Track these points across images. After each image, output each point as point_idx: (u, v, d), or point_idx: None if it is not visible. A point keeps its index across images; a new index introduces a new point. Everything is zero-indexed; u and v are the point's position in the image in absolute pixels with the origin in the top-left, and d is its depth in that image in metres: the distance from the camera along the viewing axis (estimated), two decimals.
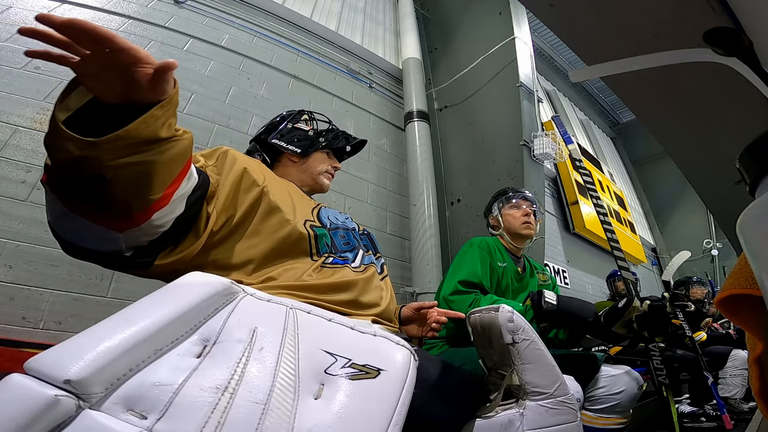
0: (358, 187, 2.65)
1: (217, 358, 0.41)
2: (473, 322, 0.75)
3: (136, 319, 0.41)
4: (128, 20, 2.13)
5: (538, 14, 0.92)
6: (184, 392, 0.37)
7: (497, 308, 0.71)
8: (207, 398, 0.37)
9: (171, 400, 0.36)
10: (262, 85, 2.45)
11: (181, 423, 0.35)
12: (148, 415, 0.35)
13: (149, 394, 0.37)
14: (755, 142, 0.40)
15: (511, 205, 1.59)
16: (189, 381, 0.38)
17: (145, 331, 0.40)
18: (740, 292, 0.43)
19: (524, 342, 0.67)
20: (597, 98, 7.45)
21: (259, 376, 0.40)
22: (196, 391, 0.37)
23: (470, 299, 1.29)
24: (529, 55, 2.86)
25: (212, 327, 0.45)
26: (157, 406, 0.36)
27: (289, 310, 0.51)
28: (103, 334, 0.39)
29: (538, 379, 0.66)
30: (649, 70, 0.74)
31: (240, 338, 0.44)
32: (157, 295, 0.47)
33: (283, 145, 1.06)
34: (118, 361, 0.37)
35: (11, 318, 1.34)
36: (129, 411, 0.36)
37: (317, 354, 0.45)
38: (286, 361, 0.43)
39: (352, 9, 3.51)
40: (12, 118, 1.60)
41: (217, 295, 0.48)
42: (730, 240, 1.37)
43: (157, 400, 0.36)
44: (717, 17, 0.64)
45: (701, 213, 6.06)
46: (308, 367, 0.44)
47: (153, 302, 0.45)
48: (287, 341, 0.45)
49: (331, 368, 0.44)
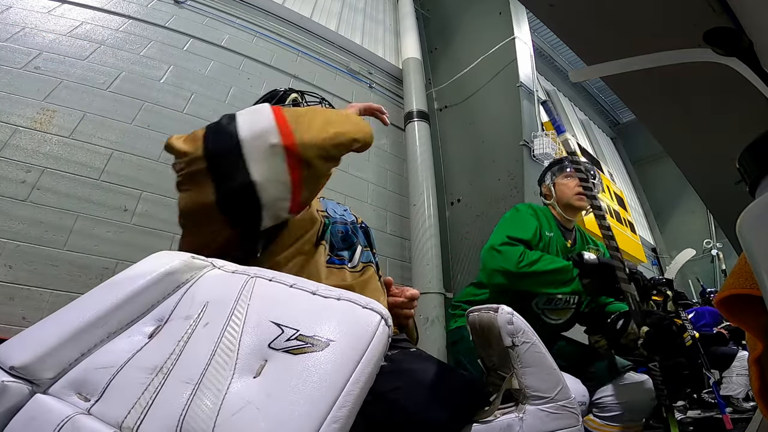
0: (358, 187, 2.65)
1: (162, 338, 0.41)
2: (471, 321, 0.73)
3: (88, 305, 0.42)
4: (128, 20, 2.13)
5: (538, 14, 0.92)
6: (122, 373, 0.38)
7: (496, 308, 0.68)
8: (141, 379, 0.37)
9: (109, 382, 0.37)
10: (262, 85, 2.45)
11: (112, 404, 0.36)
12: (91, 397, 0.37)
13: (92, 377, 0.38)
14: (755, 142, 0.40)
15: (565, 175, 1.53)
16: (130, 362, 0.39)
17: (95, 315, 0.41)
18: (740, 292, 0.43)
19: (524, 345, 0.65)
20: (597, 98, 7.44)
21: (195, 353, 0.39)
22: (133, 372, 0.38)
23: (519, 251, 1.27)
24: (529, 55, 2.86)
25: (168, 305, 0.45)
26: (97, 389, 0.37)
27: (249, 279, 0.47)
28: (53, 322, 0.40)
29: (538, 383, 0.64)
30: (649, 70, 0.74)
31: (188, 315, 0.43)
32: (113, 279, 0.47)
33: None
34: (66, 345, 0.38)
35: (11, 318, 1.34)
36: (77, 394, 0.37)
37: (265, 326, 0.41)
38: (228, 336, 0.40)
39: (352, 9, 3.51)
40: (12, 118, 1.60)
41: (176, 273, 0.47)
42: (730, 240, 1.37)
43: (98, 382, 0.37)
44: (717, 17, 0.64)
45: (701, 213, 6.05)
46: (251, 342, 0.40)
47: (108, 287, 0.45)
48: (235, 314, 0.42)
49: (275, 342, 0.39)
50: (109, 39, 2.02)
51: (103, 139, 1.76)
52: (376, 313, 0.42)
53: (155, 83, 2.04)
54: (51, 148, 1.63)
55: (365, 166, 2.77)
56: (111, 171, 1.72)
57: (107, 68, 1.93)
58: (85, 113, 1.76)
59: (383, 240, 2.63)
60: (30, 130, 1.61)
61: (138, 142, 1.85)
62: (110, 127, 1.80)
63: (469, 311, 0.75)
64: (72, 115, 1.73)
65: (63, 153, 1.65)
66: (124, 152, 1.79)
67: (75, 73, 1.82)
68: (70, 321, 0.40)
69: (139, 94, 1.96)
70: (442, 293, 2.41)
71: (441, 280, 2.44)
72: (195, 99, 2.13)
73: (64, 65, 1.82)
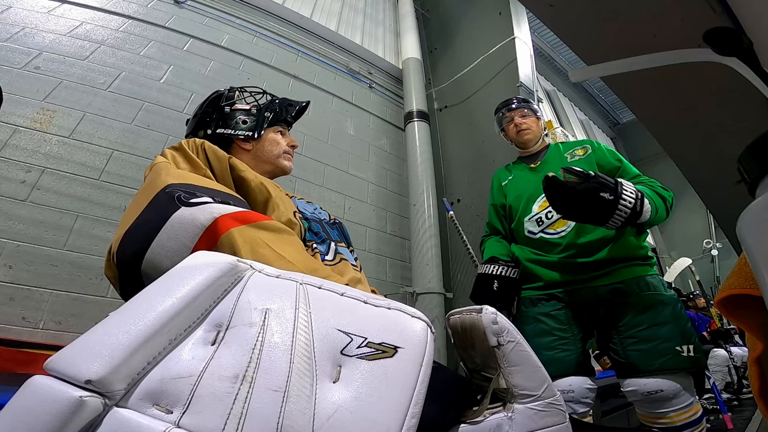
0: (358, 187, 2.65)
1: (231, 345, 0.41)
2: (453, 323, 0.73)
3: (147, 310, 0.41)
4: (128, 20, 2.13)
5: (538, 14, 0.92)
6: (203, 383, 0.37)
7: (480, 309, 0.68)
8: (227, 389, 0.37)
9: (192, 392, 0.36)
10: (262, 86, 2.44)
11: (205, 416, 0.35)
12: (173, 409, 0.36)
13: (171, 387, 0.37)
14: (755, 142, 0.40)
15: (506, 121, 1.61)
16: (207, 371, 0.38)
17: (159, 321, 0.40)
18: (740, 292, 0.43)
19: (509, 344, 0.65)
20: (597, 98, 7.45)
21: (276, 361, 0.39)
22: (215, 381, 0.37)
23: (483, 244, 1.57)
24: (529, 55, 2.85)
25: (223, 311, 0.44)
26: (180, 400, 0.36)
27: (299, 285, 0.48)
28: (117, 329, 0.38)
29: (525, 382, 0.64)
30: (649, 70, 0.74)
31: (252, 321, 0.43)
32: (164, 281, 0.45)
33: (231, 132, 0.94)
34: (135, 355, 0.37)
35: (11, 318, 1.34)
36: (154, 406, 0.36)
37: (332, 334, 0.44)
38: (301, 344, 0.42)
39: (352, 9, 3.51)
40: (12, 118, 1.59)
41: (225, 276, 0.47)
42: (730, 240, 1.37)
43: (179, 392, 0.36)
44: (717, 17, 0.64)
45: (701, 213, 6.05)
46: (324, 349, 0.42)
47: (162, 290, 0.44)
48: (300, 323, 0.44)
49: (347, 348, 0.43)
50: (109, 39, 2.02)
51: (103, 139, 1.76)
52: (423, 321, 0.48)
53: (155, 83, 2.04)
54: (51, 148, 1.63)
55: (365, 166, 2.77)
56: (111, 171, 1.72)
57: (107, 68, 1.93)
58: (85, 113, 1.76)
59: (383, 240, 2.63)
60: (30, 130, 1.61)
61: (138, 142, 1.85)
62: (110, 127, 1.80)
63: (449, 314, 0.75)
64: (72, 115, 1.73)
65: (63, 153, 1.65)
66: (124, 152, 1.79)
67: (75, 73, 1.82)
68: (135, 328, 0.38)
69: (139, 94, 1.96)
70: (442, 293, 2.42)
71: (441, 280, 2.44)
72: (195, 99, 2.13)
73: (64, 65, 1.82)
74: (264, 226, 0.66)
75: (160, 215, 0.62)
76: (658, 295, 1.15)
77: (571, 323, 1.24)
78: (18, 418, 0.32)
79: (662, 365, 1.07)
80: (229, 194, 0.73)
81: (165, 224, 0.62)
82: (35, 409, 0.32)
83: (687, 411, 1.07)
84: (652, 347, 1.09)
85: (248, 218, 0.65)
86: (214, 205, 0.64)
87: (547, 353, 1.19)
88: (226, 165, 0.80)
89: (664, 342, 1.09)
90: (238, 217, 0.64)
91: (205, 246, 0.60)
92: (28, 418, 0.31)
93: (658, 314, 1.12)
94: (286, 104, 1.06)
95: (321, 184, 2.45)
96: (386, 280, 2.51)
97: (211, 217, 0.62)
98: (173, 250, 0.61)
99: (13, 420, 0.32)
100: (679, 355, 1.07)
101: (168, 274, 0.46)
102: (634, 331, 1.12)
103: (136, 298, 0.43)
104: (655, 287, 1.17)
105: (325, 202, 2.41)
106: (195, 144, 0.82)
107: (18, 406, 0.32)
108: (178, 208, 0.62)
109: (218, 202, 0.66)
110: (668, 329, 1.10)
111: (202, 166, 0.78)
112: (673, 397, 1.07)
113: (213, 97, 1.01)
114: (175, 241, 0.61)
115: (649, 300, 1.14)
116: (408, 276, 2.57)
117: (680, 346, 1.08)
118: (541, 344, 1.20)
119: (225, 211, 0.63)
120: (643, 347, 1.10)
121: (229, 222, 0.62)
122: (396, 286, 2.52)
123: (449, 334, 0.76)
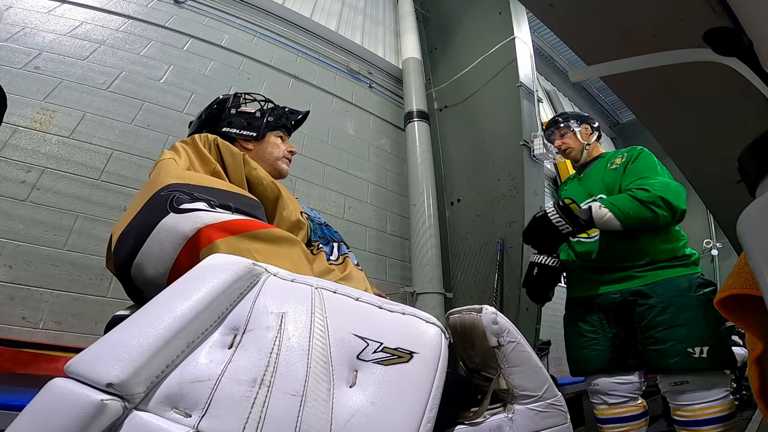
0: (358, 187, 2.65)
1: (249, 349, 0.41)
2: (452, 323, 0.73)
3: (165, 313, 0.40)
4: (128, 20, 2.13)
5: (538, 14, 0.92)
6: (221, 387, 0.37)
7: (479, 309, 0.68)
8: (245, 393, 0.37)
9: (211, 396, 0.36)
10: (262, 85, 2.44)
11: (224, 420, 0.35)
12: (192, 413, 0.36)
13: (188, 391, 0.37)
14: (755, 141, 0.40)
15: (553, 139, 1.66)
16: (225, 375, 0.38)
17: (177, 324, 0.40)
18: (740, 292, 0.43)
19: (510, 344, 0.65)
20: (597, 98, 7.43)
21: (293, 365, 0.40)
22: (233, 385, 0.37)
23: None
24: (529, 55, 2.85)
25: (239, 314, 0.44)
26: (198, 404, 0.36)
27: (314, 290, 0.48)
28: (137, 332, 0.38)
29: (526, 382, 0.64)
30: (649, 70, 0.74)
31: (269, 325, 0.43)
32: (181, 284, 0.45)
33: (236, 131, 0.98)
34: (154, 358, 0.37)
35: (11, 318, 1.34)
36: (173, 409, 0.36)
37: (348, 339, 0.44)
38: (318, 348, 0.42)
39: (352, 9, 3.51)
40: (12, 118, 1.59)
41: (241, 279, 0.47)
42: (730, 240, 1.37)
43: (198, 396, 0.36)
44: (717, 17, 0.64)
45: (701, 213, 6.04)
46: (340, 353, 0.42)
47: (179, 293, 0.44)
48: (316, 327, 0.44)
49: (363, 353, 0.43)
50: (109, 39, 2.02)
51: (103, 139, 1.76)
52: (437, 326, 0.48)
53: (155, 83, 2.04)
54: (51, 148, 1.63)
55: (365, 166, 2.77)
56: (111, 171, 1.72)
57: (107, 68, 1.93)
58: (84, 113, 1.76)
59: (383, 240, 2.63)
60: (30, 130, 1.61)
61: (138, 142, 1.85)
62: (110, 127, 1.80)
63: (449, 313, 0.76)
64: (72, 115, 1.73)
65: (63, 153, 1.65)
66: (124, 152, 1.79)
67: (75, 73, 1.82)
68: (154, 331, 0.38)
69: (139, 94, 1.96)
70: (442, 293, 2.42)
71: (441, 280, 2.44)
72: (195, 99, 2.13)
73: (64, 65, 1.82)
74: (258, 236, 0.65)
75: (149, 222, 0.62)
76: (681, 297, 1.19)
77: (603, 324, 1.34)
78: (39, 421, 0.32)
79: (673, 365, 1.13)
80: (234, 194, 0.72)
81: (152, 232, 0.61)
82: (56, 412, 0.32)
83: (714, 406, 1.11)
84: (666, 348, 1.15)
85: (240, 227, 0.64)
86: (201, 214, 0.62)
87: (580, 353, 1.35)
88: (241, 161, 0.81)
89: (679, 343, 1.13)
90: (227, 227, 0.62)
91: (187, 257, 0.59)
92: (49, 421, 0.31)
93: (676, 317, 1.17)
94: (287, 112, 1.10)
95: (321, 184, 2.45)
96: (386, 280, 2.51)
97: (195, 228, 0.60)
98: (157, 258, 0.60)
99: (34, 423, 0.32)
100: (690, 356, 1.12)
101: (185, 277, 0.46)
102: (653, 332, 1.19)
103: (154, 301, 0.43)
104: (680, 289, 1.21)
105: (325, 202, 2.41)
106: (208, 139, 0.82)
107: (39, 409, 0.32)
108: (167, 215, 0.62)
109: (214, 207, 0.65)
110: (685, 331, 1.14)
111: (213, 161, 0.78)
112: (699, 390, 1.12)
113: (219, 100, 1.05)
114: (158, 250, 0.61)
115: (669, 302, 1.20)
116: (408, 276, 2.57)
117: (692, 348, 1.12)
118: (574, 345, 1.38)
119: (212, 221, 0.62)
120: (658, 347, 1.17)
121: (213, 233, 0.61)
122: (396, 286, 2.52)
123: (449, 333, 0.76)
